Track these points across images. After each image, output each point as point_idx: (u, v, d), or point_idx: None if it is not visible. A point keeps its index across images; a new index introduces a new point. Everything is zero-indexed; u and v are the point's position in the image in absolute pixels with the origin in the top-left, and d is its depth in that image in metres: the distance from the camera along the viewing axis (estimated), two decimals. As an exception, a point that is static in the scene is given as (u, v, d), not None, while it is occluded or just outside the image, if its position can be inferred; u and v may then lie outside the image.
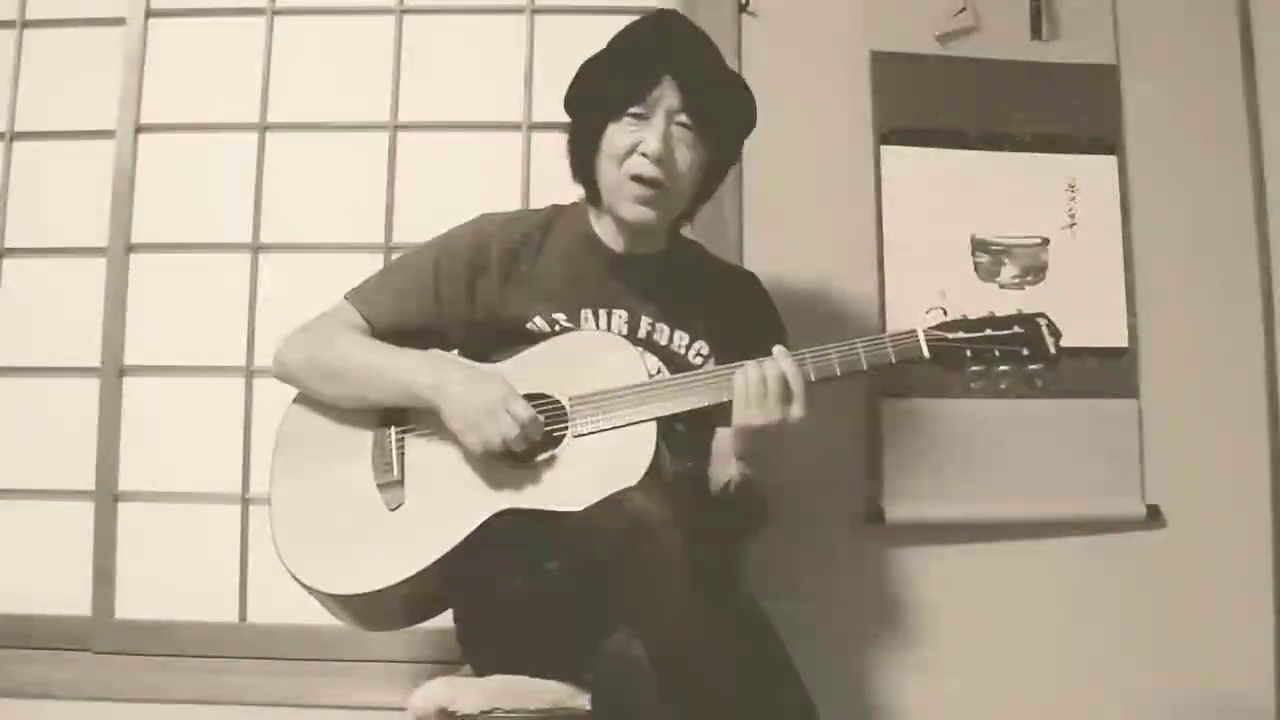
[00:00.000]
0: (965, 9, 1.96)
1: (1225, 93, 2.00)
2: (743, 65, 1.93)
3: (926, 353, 1.40)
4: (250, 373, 1.98)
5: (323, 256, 2.00)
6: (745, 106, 1.55)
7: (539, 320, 1.48)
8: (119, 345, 2.00)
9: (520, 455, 1.39)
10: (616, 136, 1.46)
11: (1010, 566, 1.91)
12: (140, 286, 2.02)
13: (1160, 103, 1.98)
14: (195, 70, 2.06)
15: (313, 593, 1.41)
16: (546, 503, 1.34)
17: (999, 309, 1.45)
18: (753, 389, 1.34)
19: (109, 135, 2.04)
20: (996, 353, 1.41)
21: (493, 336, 1.49)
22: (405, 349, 1.46)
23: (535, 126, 2.00)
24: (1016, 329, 1.42)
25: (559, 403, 1.41)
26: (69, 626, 1.95)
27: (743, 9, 1.98)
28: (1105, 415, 1.91)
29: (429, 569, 1.35)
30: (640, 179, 1.45)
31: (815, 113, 1.97)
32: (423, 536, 1.37)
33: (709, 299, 1.57)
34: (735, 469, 1.44)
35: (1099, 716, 1.87)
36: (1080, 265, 1.94)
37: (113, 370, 1.99)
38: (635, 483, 1.31)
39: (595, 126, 1.49)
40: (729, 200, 1.91)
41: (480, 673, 1.43)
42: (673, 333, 1.52)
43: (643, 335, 1.51)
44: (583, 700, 1.31)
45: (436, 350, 1.48)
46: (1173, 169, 1.97)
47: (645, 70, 1.45)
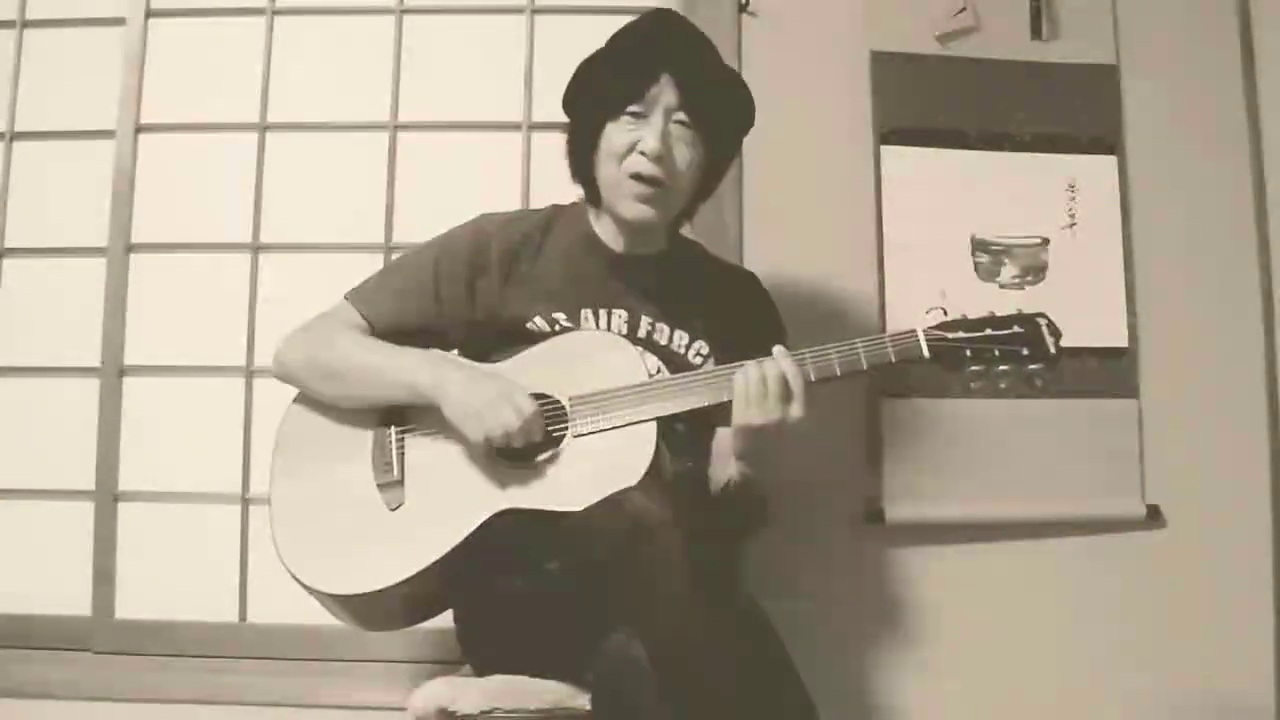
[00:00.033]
0: (965, 9, 1.96)
1: (1225, 93, 2.00)
2: (743, 65, 1.93)
3: (926, 352, 1.40)
4: (250, 373, 1.98)
5: (323, 256, 2.00)
6: (743, 104, 1.55)
7: (539, 320, 1.48)
8: (119, 345, 2.00)
9: (520, 455, 1.39)
10: (615, 135, 1.46)
11: (1010, 566, 1.91)
12: (140, 286, 2.02)
13: (1160, 103, 1.98)
14: (195, 70, 2.06)
15: (313, 593, 1.41)
16: (546, 503, 1.34)
17: (999, 309, 1.45)
18: (752, 389, 1.34)
19: (109, 135, 2.04)
20: (996, 352, 1.41)
21: (492, 336, 1.49)
22: (405, 348, 1.46)
23: (535, 126, 2.00)
24: (1016, 329, 1.42)
25: (559, 403, 1.41)
26: (69, 626, 1.95)
27: (743, 9, 1.98)
28: (1105, 415, 1.91)
29: (429, 569, 1.35)
30: (639, 177, 1.45)
31: (815, 113, 1.97)
32: (423, 536, 1.37)
33: (709, 299, 1.57)
34: (735, 469, 1.44)
35: (1099, 716, 1.87)
36: (1080, 265, 1.94)
37: (113, 370, 1.99)
38: (635, 483, 1.31)
39: (594, 126, 1.48)
40: (729, 200, 1.91)
41: (480, 673, 1.43)
42: (672, 332, 1.52)
43: (642, 335, 1.51)
44: (583, 700, 1.31)
45: (436, 350, 1.48)
46: (1173, 169, 1.98)
47: (643, 69, 1.46)
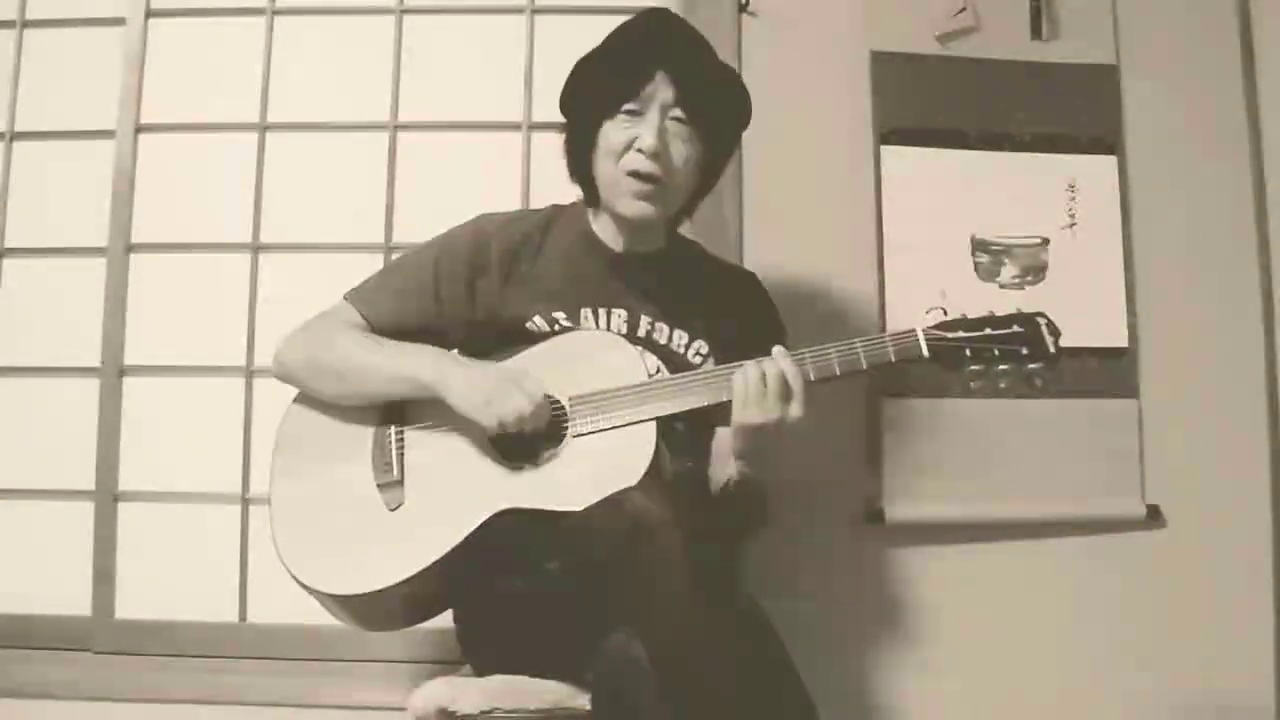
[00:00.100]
0: (965, 9, 1.96)
1: (1225, 93, 1.99)
2: (743, 65, 1.93)
3: (926, 352, 1.40)
4: (250, 373, 1.98)
5: (323, 256, 2.00)
6: (740, 100, 1.55)
7: (539, 320, 1.48)
8: (119, 345, 2.00)
9: (520, 454, 1.39)
10: (612, 134, 1.46)
11: (1010, 566, 1.90)
12: (140, 286, 2.02)
13: (1160, 103, 1.98)
14: (195, 70, 2.06)
15: (312, 593, 1.41)
16: (546, 503, 1.34)
17: (999, 309, 1.44)
18: (752, 388, 1.34)
19: (109, 135, 2.04)
20: (996, 352, 1.41)
21: (492, 336, 1.49)
22: (406, 343, 1.46)
23: (535, 126, 2.00)
24: (1016, 328, 1.42)
25: (559, 402, 1.41)
26: (69, 626, 1.95)
27: (743, 9, 1.98)
28: (1105, 415, 1.91)
29: (429, 569, 1.35)
30: (637, 174, 1.45)
31: (815, 113, 1.97)
32: (423, 536, 1.37)
33: (708, 298, 1.57)
34: (735, 468, 1.44)
35: (1099, 716, 1.87)
36: (1080, 265, 1.94)
37: (113, 370, 1.99)
38: (635, 483, 1.30)
39: (591, 125, 1.49)
40: (729, 200, 1.91)
41: (480, 673, 1.43)
42: (672, 332, 1.52)
43: (642, 334, 1.51)
44: (583, 700, 1.31)
45: (436, 347, 1.48)
46: (1173, 169, 1.97)
47: (638, 67, 1.46)
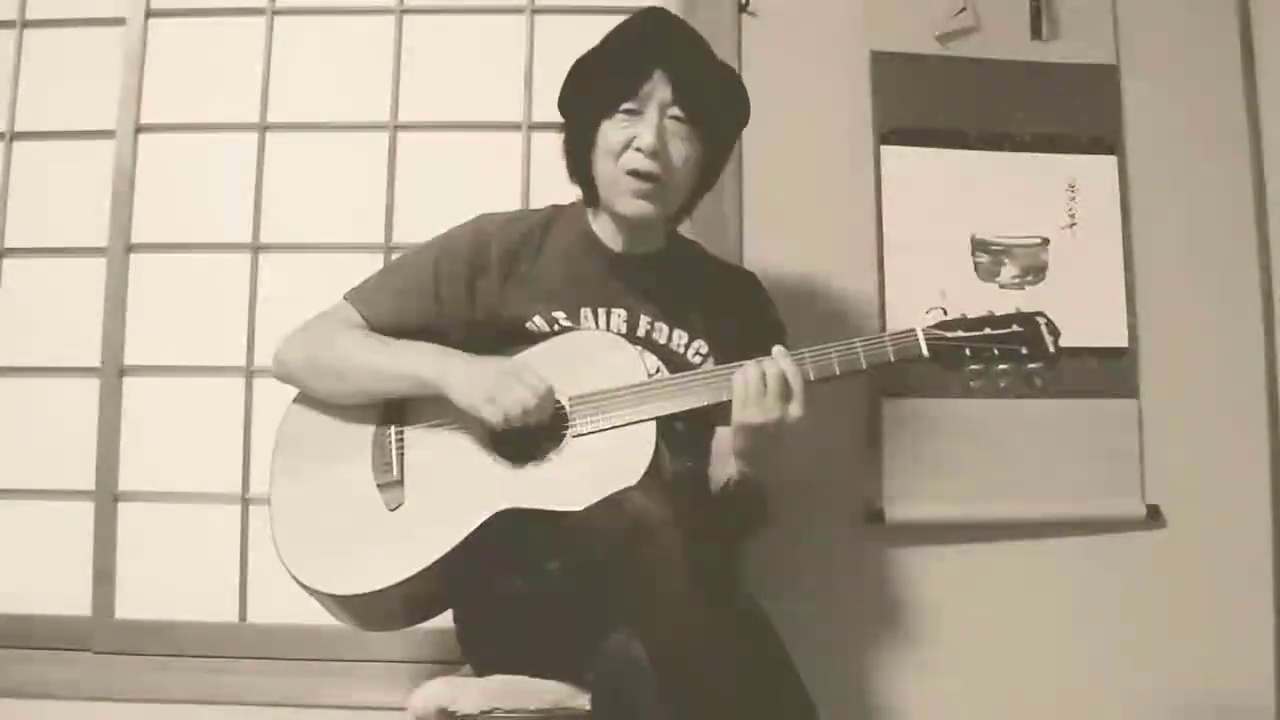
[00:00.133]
0: (965, 9, 1.96)
1: (1225, 93, 1.99)
2: (743, 65, 1.93)
3: (925, 352, 1.40)
4: (250, 373, 1.98)
5: (323, 256, 2.00)
6: (738, 97, 1.55)
7: (538, 320, 1.48)
8: (119, 345, 2.00)
9: (520, 453, 1.39)
10: (611, 133, 1.47)
11: (1010, 566, 1.90)
12: (140, 286, 2.02)
13: (1160, 103, 1.98)
14: (195, 70, 2.06)
15: (312, 593, 1.41)
16: (546, 503, 1.34)
17: (999, 309, 1.44)
18: (752, 388, 1.34)
19: (109, 135, 2.04)
20: (995, 351, 1.41)
21: (492, 336, 1.49)
22: (405, 341, 1.47)
23: (535, 126, 2.00)
24: (1015, 328, 1.42)
25: (559, 402, 1.41)
26: (69, 626, 1.95)
27: (743, 9, 1.98)
28: (1105, 415, 1.91)
29: (429, 569, 1.35)
30: (636, 173, 1.45)
31: (815, 113, 1.97)
32: (422, 536, 1.37)
33: (708, 298, 1.57)
34: (735, 468, 1.44)
35: (1099, 716, 1.87)
36: (1080, 265, 1.94)
37: (113, 370, 1.99)
38: (635, 483, 1.30)
39: (589, 125, 1.49)
40: (729, 200, 1.91)
41: (480, 673, 1.43)
42: (671, 332, 1.52)
43: (642, 334, 1.51)
44: (583, 700, 1.31)
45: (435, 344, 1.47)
46: (1173, 169, 1.97)
47: (636, 66, 1.46)
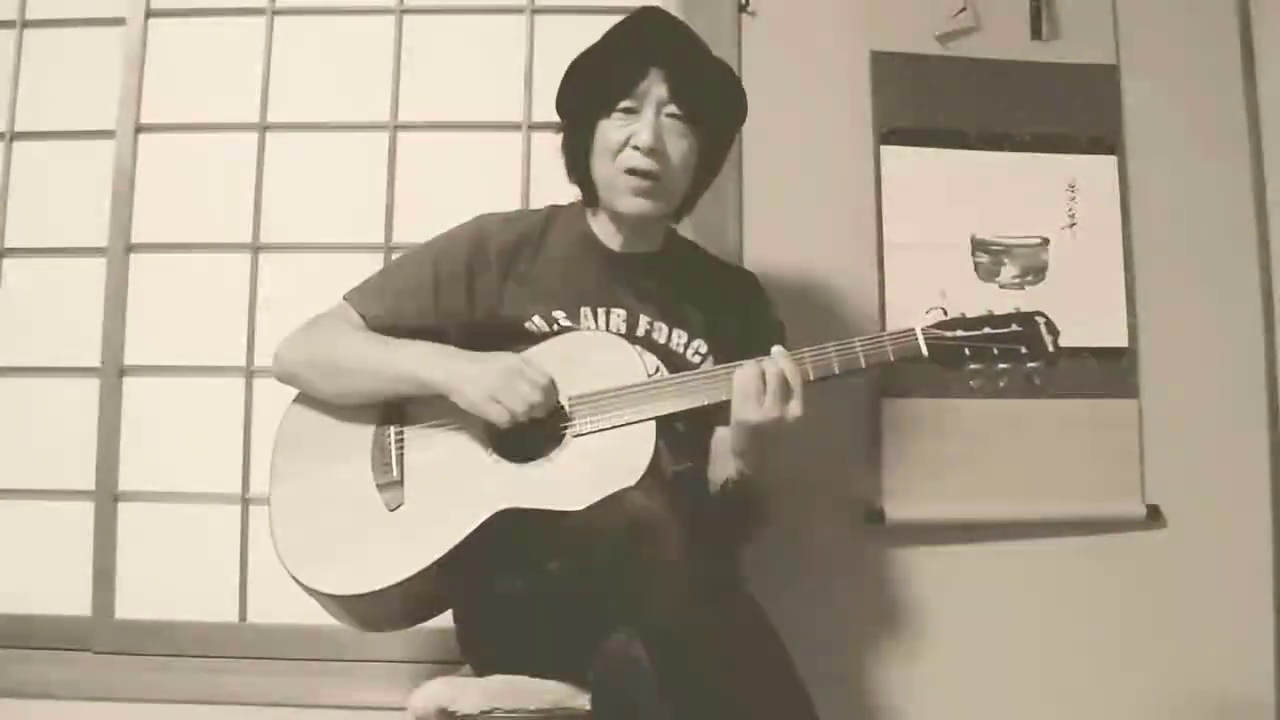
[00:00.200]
0: (965, 9, 1.96)
1: (1225, 93, 1.99)
2: (743, 65, 1.93)
3: (925, 351, 1.40)
4: (250, 373, 1.98)
5: (323, 256, 2.00)
6: (734, 94, 1.56)
7: (538, 320, 1.48)
8: (119, 345, 2.00)
9: (520, 453, 1.39)
10: (609, 132, 1.47)
11: (1010, 566, 1.90)
12: (140, 286, 2.02)
13: (1160, 103, 1.98)
14: (195, 70, 2.06)
15: (312, 593, 1.41)
16: (546, 502, 1.34)
17: (998, 309, 1.44)
18: (751, 387, 1.34)
19: (109, 135, 2.04)
20: (995, 351, 1.41)
21: (492, 336, 1.49)
22: (405, 340, 1.47)
23: (535, 126, 2.00)
24: (1015, 327, 1.42)
25: (559, 402, 1.41)
26: (69, 626, 1.95)
27: (743, 9, 1.98)
28: (1105, 415, 1.91)
29: (429, 569, 1.35)
30: (634, 171, 1.46)
31: (815, 113, 1.97)
32: (422, 536, 1.36)
33: (707, 298, 1.57)
34: (734, 467, 1.44)
35: (1099, 716, 1.87)
36: (1080, 265, 1.94)
37: (113, 370, 1.99)
38: (635, 482, 1.31)
39: (587, 125, 1.49)
40: (729, 200, 1.91)
41: (480, 673, 1.43)
42: (671, 331, 1.53)
43: (641, 334, 1.51)
44: (583, 700, 1.31)
45: (434, 343, 1.47)
46: (1173, 169, 1.97)
47: (632, 64, 1.46)
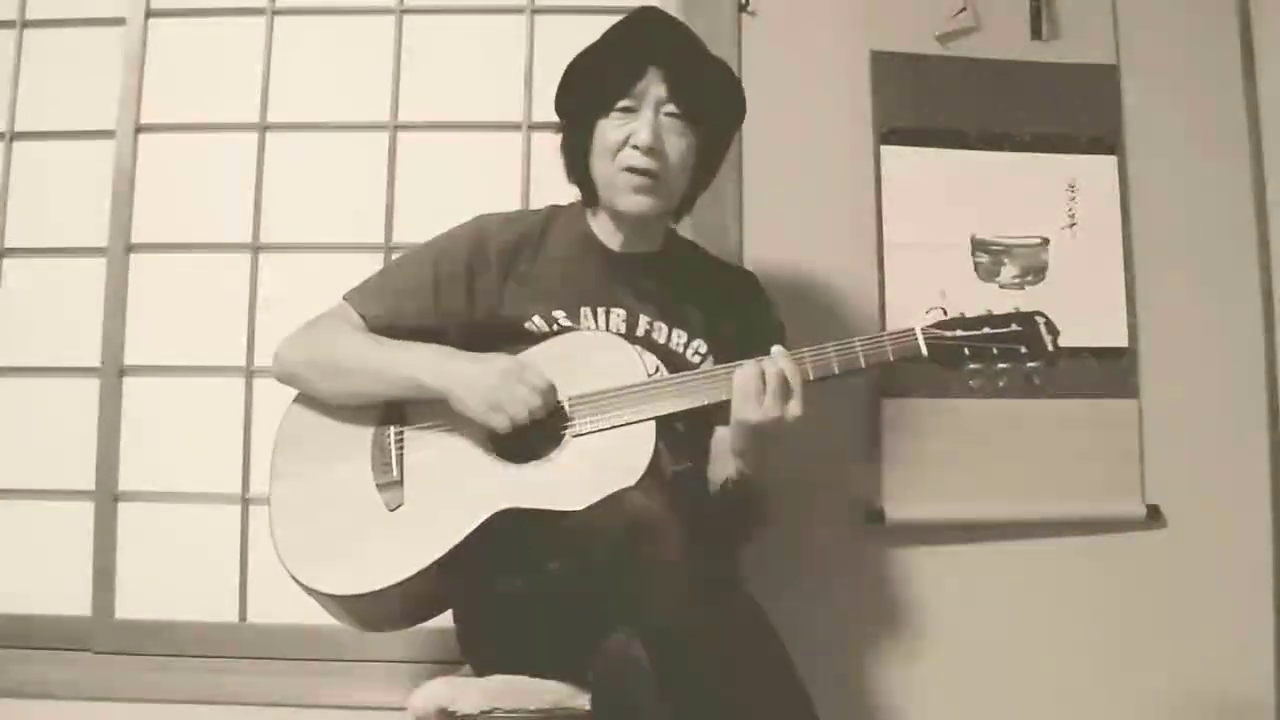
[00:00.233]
0: (965, 9, 1.96)
1: (1225, 93, 1.99)
2: (743, 65, 1.93)
3: (925, 351, 1.40)
4: (250, 373, 1.98)
5: (323, 256, 2.00)
6: (732, 92, 1.56)
7: (538, 320, 1.48)
8: (119, 345, 2.00)
9: (520, 453, 1.39)
10: (608, 132, 1.47)
11: (1010, 566, 1.90)
12: (140, 286, 2.02)
13: (1160, 103, 1.98)
14: (195, 70, 2.06)
15: (312, 593, 1.41)
16: (546, 502, 1.34)
17: (998, 309, 1.44)
18: (751, 387, 1.34)
19: (109, 135, 2.04)
20: (995, 351, 1.41)
21: (492, 336, 1.49)
22: (406, 342, 1.46)
23: (535, 126, 2.00)
24: (1014, 327, 1.42)
25: (558, 402, 1.41)
26: (69, 626, 1.95)
27: (743, 9, 1.98)
28: (1105, 415, 1.91)
29: (429, 569, 1.35)
30: (634, 170, 1.46)
31: (815, 112, 1.97)
32: (422, 537, 1.36)
33: (707, 297, 1.57)
34: (734, 467, 1.44)
35: (1099, 716, 1.87)
36: (1080, 265, 1.94)
37: (113, 370, 1.99)
38: (634, 483, 1.31)
39: (586, 125, 1.50)
40: (729, 200, 1.91)
41: (480, 673, 1.43)
42: (671, 331, 1.53)
43: (641, 334, 1.51)
44: (583, 700, 1.31)
45: (434, 345, 1.47)
46: (1173, 169, 1.97)
47: (629, 64, 1.47)
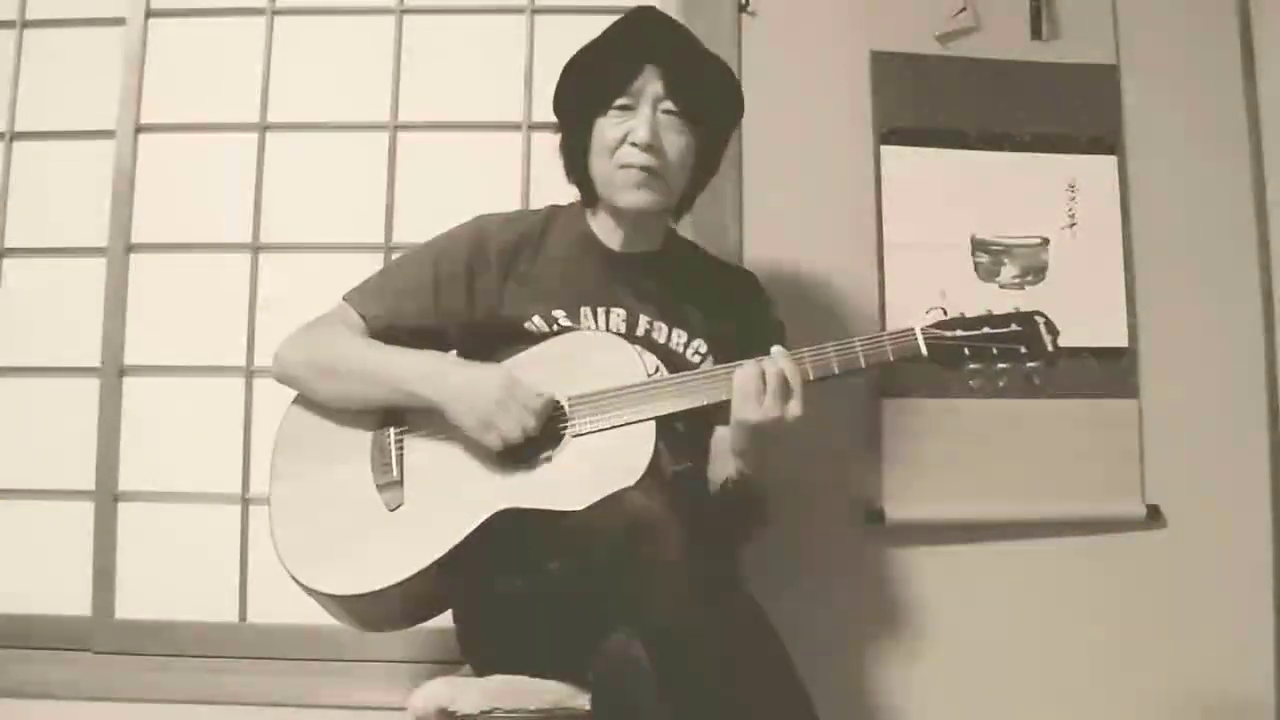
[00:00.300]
0: (965, 9, 1.96)
1: (1225, 93, 1.99)
2: (743, 65, 1.93)
3: (924, 351, 1.40)
4: (250, 373, 1.98)
5: (323, 256, 2.00)
6: (729, 89, 1.56)
7: (538, 320, 1.48)
8: (119, 345, 2.00)
9: (520, 454, 1.39)
10: (606, 130, 1.48)
11: (1010, 566, 1.90)
12: (140, 286, 2.02)
13: (1160, 103, 1.98)
14: (195, 70, 2.06)
15: (312, 593, 1.41)
16: (546, 502, 1.34)
17: (998, 309, 1.44)
18: (751, 387, 1.34)
19: (109, 135, 2.04)
20: (994, 350, 1.41)
21: (492, 336, 1.49)
22: (405, 349, 1.46)
23: (535, 126, 2.00)
24: (1014, 327, 1.42)
25: (558, 402, 1.41)
26: (69, 626, 1.95)
27: (743, 9, 1.98)
28: (1105, 415, 1.91)
29: (429, 569, 1.35)
30: (632, 166, 1.46)
31: (815, 113, 1.97)
32: (422, 537, 1.37)
33: (707, 297, 1.57)
34: (734, 467, 1.44)
35: (1098, 716, 1.87)
36: (1080, 265, 1.94)
37: (113, 370, 1.99)
38: (634, 482, 1.31)
39: (584, 124, 1.50)
40: (729, 200, 1.91)
41: (480, 673, 1.43)
42: (670, 331, 1.53)
43: (641, 334, 1.51)
44: (583, 700, 1.31)
45: (433, 352, 1.47)
46: (1173, 169, 1.97)
47: (626, 62, 1.47)
